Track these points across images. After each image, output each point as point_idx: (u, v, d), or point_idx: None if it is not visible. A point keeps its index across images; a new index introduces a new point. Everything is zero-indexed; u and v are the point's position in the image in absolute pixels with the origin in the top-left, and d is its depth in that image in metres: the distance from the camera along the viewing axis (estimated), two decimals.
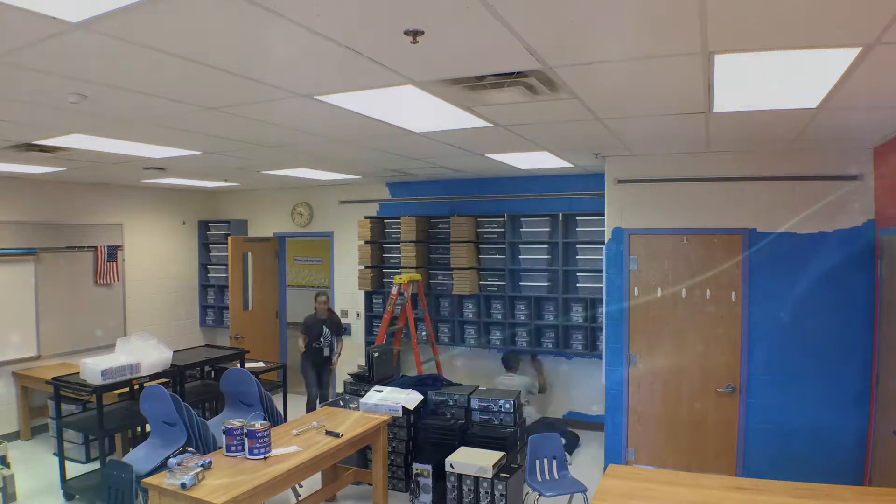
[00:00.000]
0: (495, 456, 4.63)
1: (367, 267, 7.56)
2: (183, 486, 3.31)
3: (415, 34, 2.11)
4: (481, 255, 7.10)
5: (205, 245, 8.91)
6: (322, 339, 6.91)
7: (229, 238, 8.11)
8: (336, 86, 2.90)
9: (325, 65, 2.55)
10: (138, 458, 4.27)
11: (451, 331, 7.27)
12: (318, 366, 6.97)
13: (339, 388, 7.39)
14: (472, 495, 4.58)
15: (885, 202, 4.34)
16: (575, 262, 6.65)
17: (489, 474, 4.49)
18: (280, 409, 5.87)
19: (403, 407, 5.09)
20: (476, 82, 2.82)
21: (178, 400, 4.31)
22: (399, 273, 7.24)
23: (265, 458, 3.81)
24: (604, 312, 5.41)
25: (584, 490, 4.22)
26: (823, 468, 4.50)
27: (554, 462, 4.41)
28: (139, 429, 5.51)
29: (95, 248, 7.28)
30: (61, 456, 5.02)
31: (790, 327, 4.77)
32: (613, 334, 5.28)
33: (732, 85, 2.88)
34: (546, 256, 6.77)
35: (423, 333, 7.14)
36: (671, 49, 2.36)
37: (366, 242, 7.59)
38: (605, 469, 3.81)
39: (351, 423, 4.61)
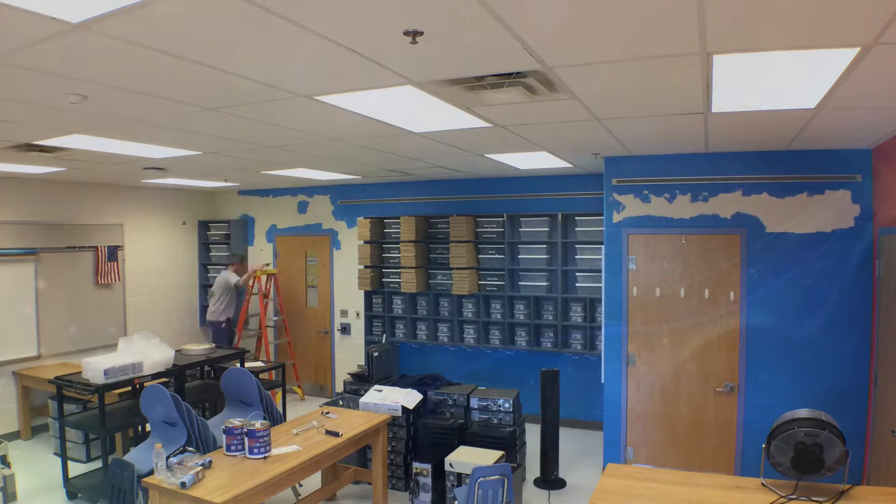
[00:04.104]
0: (494, 455, 4.63)
1: (366, 267, 7.57)
2: (183, 485, 3.31)
3: (414, 34, 2.12)
4: (480, 255, 7.11)
5: (205, 245, 8.92)
6: None
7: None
8: (336, 86, 2.91)
9: (324, 65, 2.55)
10: (138, 457, 4.28)
11: (450, 330, 7.28)
12: None
13: (339, 388, 7.40)
14: None
15: (884, 202, 4.35)
16: (574, 262, 6.66)
17: None
18: (280, 408, 5.88)
19: (403, 406, 5.10)
20: (475, 83, 2.83)
21: (177, 399, 4.32)
22: (398, 272, 7.27)
23: (265, 458, 3.82)
24: (603, 312, 5.42)
25: None
26: None
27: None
28: (139, 428, 5.52)
29: (96, 248, 7.29)
30: (64, 455, 5.03)
31: (789, 327, 4.78)
32: (612, 334, 5.29)
33: (731, 85, 2.89)
34: (545, 256, 6.78)
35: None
36: (670, 49, 2.37)
37: (365, 242, 7.60)
38: (603, 468, 3.82)
39: (351, 422, 4.62)
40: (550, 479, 5.31)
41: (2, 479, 4.83)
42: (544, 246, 6.80)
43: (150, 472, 3.57)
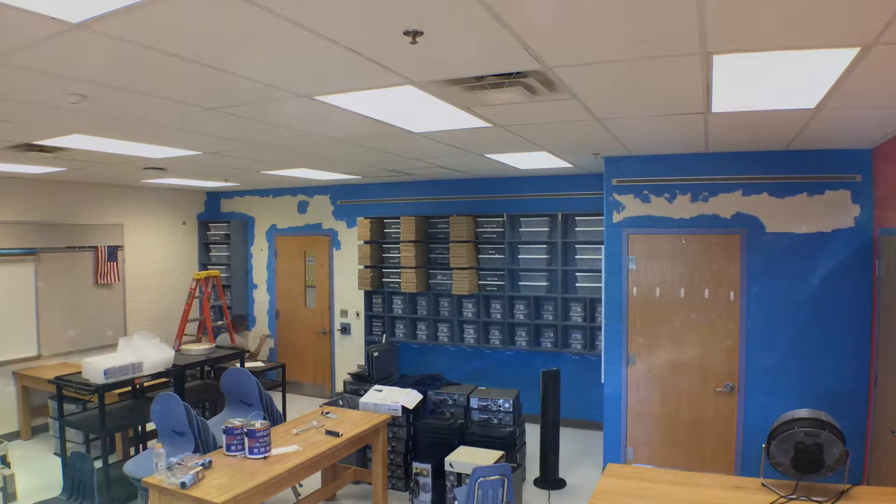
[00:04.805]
0: (494, 455, 4.63)
1: (366, 267, 7.57)
2: (183, 485, 3.31)
3: (414, 34, 2.12)
4: (480, 255, 7.11)
5: (205, 245, 8.92)
6: None
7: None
8: (335, 86, 2.91)
9: (324, 65, 2.55)
10: (143, 462, 4.28)
11: (450, 330, 7.28)
12: None
13: (339, 388, 7.40)
14: None
15: (884, 202, 4.35)
16: (574, 262, 6.66)
17: None
18: (280, 408, 5.88)
19: (403, 406, 5.10)
20: (475, 82, 2.83)
21: (189, 410, 4.29)
22: (398, 272, 7.27)
23: (265, 458, 3.82)
24: (603, 312, 5.42)
25: None
26: None
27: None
28: (139, 428, 5.52)
29: (96, 248, 7.29)
30: (64, 455, 5.02)
31: (789, 327, 4.78)
32: (612, 334, 5.29)
33: (731, 85, 2.89)
34: (545, 256, 6.78)
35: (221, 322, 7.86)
36: (670, 49, 2.37)
37: (365, 242, 7.60)
38: (603, 468, 3.82)
39: (351, 422, 4.62)
40: (551, 480, 5.31)
41: (2, 479, 4.83)
42: (544, 246, 6.80)
43: None
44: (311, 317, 8.47)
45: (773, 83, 2.88)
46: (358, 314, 7.96)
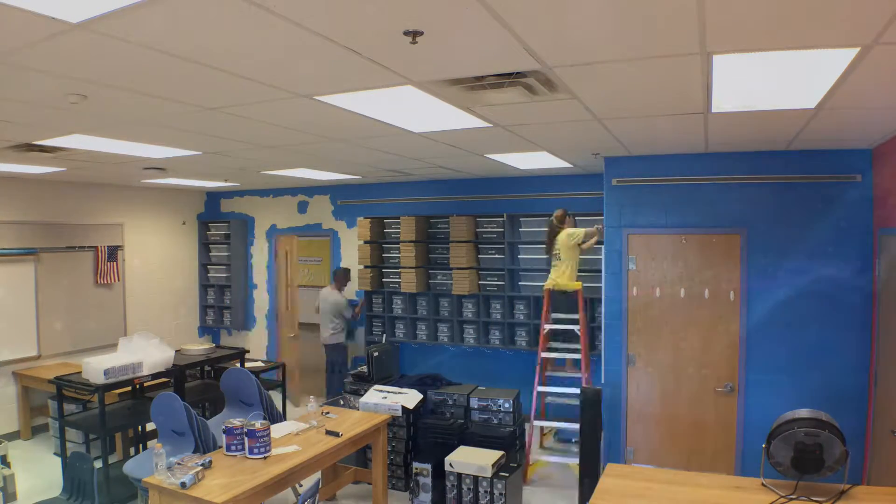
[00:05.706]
0: (494, 455, 4.63)
1: (366, 267, 7.57)
2: (183, 485, 3.31)
3: (414, 34, 2.12)
4: (480, 255, 7.11)
5: (205, 245, 8.93)
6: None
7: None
8: (335, 86, 2.91)
9: (324, 65, 2.55)
10: (143, 462, 4.28)
11: (450, 330, 7.28)
12: None
13: None
14: (471, 494, 4.59)
15: (884, 202, 4.35)
16: None
17: (488, 473, 4.50)
18: (280, 408, 5.88)
19: (403, 406, 5.10)
20: (475, 83, 2.83)
21: (189, 410, 4.30)
22: (398, 272, 7.26)
23: (265, 458, 3.82)
24: (603, 312, 5.42)
25: None
26: None
27: None
28: (139, 428, 5.52)
29: (96, 248, 7.29)
30: (64, 455, 5.02)
31: (789, 327, 4.78)
32: (612, 334, 5.29)
33: (731, 85, 2.89)
34: (545, 256, 6.77)
35: None
36: (670, 49, 2.37)
37: (365, 242, 7.60)
38: (603, 468, 3.82)
39: (351, 422, 4.62)
40: None
41: (2, 479, 4.83)
42: (544, 246, 6.79)
43: None
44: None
45: (774, 83, 2.88)
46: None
